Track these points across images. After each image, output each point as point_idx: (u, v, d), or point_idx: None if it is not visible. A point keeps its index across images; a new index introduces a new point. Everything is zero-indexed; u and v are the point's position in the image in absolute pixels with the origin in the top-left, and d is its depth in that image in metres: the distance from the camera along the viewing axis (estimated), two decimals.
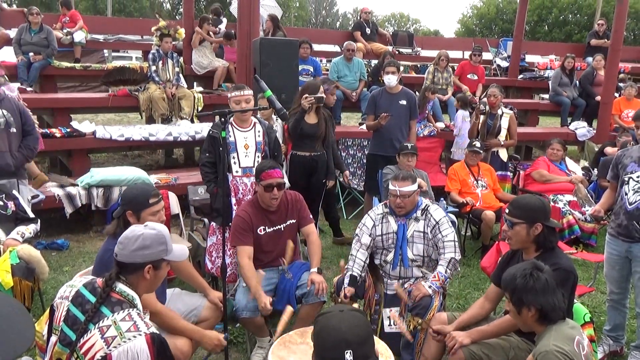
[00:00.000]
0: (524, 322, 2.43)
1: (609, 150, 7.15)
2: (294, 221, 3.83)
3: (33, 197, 5.40)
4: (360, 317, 1.91)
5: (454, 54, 11.51)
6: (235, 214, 3.85)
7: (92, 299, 2.14)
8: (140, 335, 2.05)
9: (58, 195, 5.83)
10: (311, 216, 3.96)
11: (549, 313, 2.33)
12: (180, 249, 2.44)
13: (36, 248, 4.03)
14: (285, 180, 4.14)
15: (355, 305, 3.68)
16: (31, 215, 4.27)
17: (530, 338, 2.82)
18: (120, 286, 2.19)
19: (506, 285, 2.44)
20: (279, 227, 3.76)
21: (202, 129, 7.26)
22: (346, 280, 3.59)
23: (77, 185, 5.99)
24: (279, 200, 3.70)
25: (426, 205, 3.76)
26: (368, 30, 10.81)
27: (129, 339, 2.03)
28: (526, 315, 2.38)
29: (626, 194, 3.58)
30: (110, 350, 2.01)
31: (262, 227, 3.72)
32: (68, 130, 6.83)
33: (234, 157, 4.22)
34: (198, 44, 8.75)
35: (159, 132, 7.20)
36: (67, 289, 2.23)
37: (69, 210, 5.87)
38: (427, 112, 7.95)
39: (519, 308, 2.39)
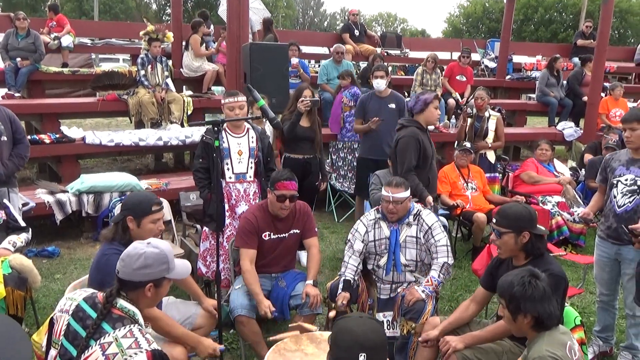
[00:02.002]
0: (519, 328, 2.45)
1: (587, 157, 7.18)
2: (298, 231, 3.84)
3: (24, 205, 5.37)
4: (377, 325, 2.01)
5: (442, 54, 11.60)
6: (243, 216, 3.88)
7: (93, 315, 2.13)
8: (141, 352, 2.05)
9: (48, 202, 5.79)
10: (316, 229, 3.98)
11: (545, 320, 2.36)
12: (182, 266, 2.44)
13: (26, 256, 4.00)
14: None
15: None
16: (22, 224, 4.24)
17: (523, 342, 2.86)
18: (121, 302, 2.19)
19: (503, 292, 2.46)
20: (283, 235, 3.78)
21: (193, 133, 7.25)
22: (340, 286, 3.61)
23: (67, 191, 5.96)
24: (288, 211, 3.72)
25: (418, 210, 3.79)
26: (356, 32, 10.87)
27: (130, 357, 2.03)
28: (521, 322, 2.40)
29: (615, 197, 3.64)
30: None
31: (267, 233, 3.74)
32: (57, 136, 6.79)
33: (227, 163, 4.22)
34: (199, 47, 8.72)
35: (149, 136, 7.17)
36: (67, 302, 2.22)
37: (59, 217, 5.83)
38: (344, 100, 7.27)
39: (515, 315, 2.41)
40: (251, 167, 4.31)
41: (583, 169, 7.16)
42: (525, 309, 2.37)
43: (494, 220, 3.06)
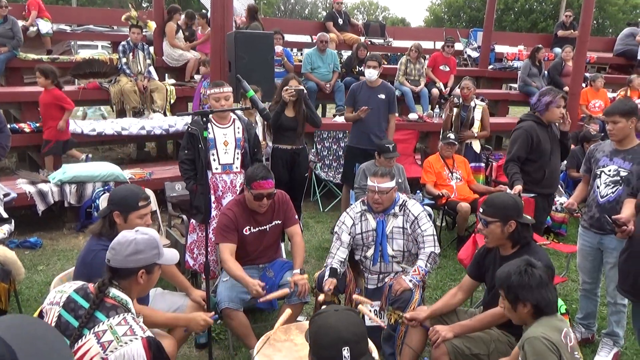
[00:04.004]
0: (519, 317, 2.47)
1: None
2: (279, 222, 3.81)
3: (5, 195, 5.27)
4: (355, 315, 2.00)
5: (425, 44, 11.61)
6: (220, 212, 3.82)
7: (85, 305, 2.13)
8: (136, 339, 2.06)
9: (29, 192, 5.69)
10: (297, 217, 3.96)
11: (544, 308, 2.39)
12: (171, 252, 2.47)
13: (8, 247, 3.95)
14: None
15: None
16: (4, 215, 4.18)
17: (510, 331, 2.92)
18: (114, 291, 2.20)
19: (501, 283, 2.48)
20: (264, 227, 3.74)
21: (176, 122, 7.19)
22: (327, 273, 3.61)
23: (49, 181, 5.87)
24: (267, 207, 3.68)
25: (404, 201, 3.81)
26: (340, 21, 10.84)
27: (126, 343, 2.04)
28: (522, 311, 2.43)
29: (598, 187, 3.70)
30: (107, 354, 2.02)
31: (247, 227, 3.70)
32: (37, 124, 6.66)
33: (213, 154, 4.19)
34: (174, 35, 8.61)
35: (132, 126, 7.10)
36: (57, 294, 2.20)
37: (41, 207, 5.74)
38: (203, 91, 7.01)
39: (514, 304, 2.44)
40: (237, 158, 4.28)
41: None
42: (523, 298, 2.39)
43: (480, 210, 3.09)
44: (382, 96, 5.83)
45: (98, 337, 2.04)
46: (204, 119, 3.11)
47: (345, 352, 1.84)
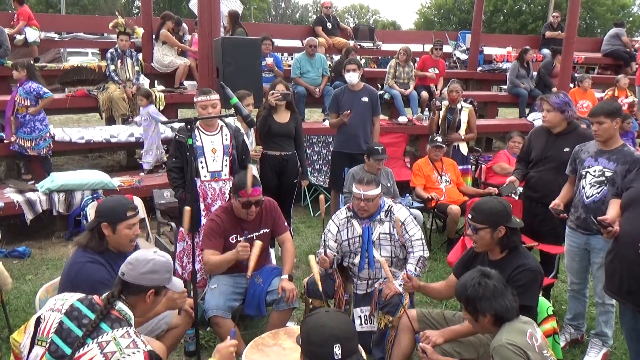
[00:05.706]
0: (482, 327, 2.54)
1: None
2: (267, 230, 3.80)
3: None
4: (345, 316, 2.09)
5: (415, 47, 11.66)
6: (208, 218, 3.80)
7: (91, 315, 2.18)
8: (139, 352, 2.11)
9: (17, 201, 5.67)
10: (286, 224, 3.95)
11: (503, 315, 2.45)
12: (177, 280, 2.57)
13: None
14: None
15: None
16: None
17: None
18: (120, 305, 2.26)
19: (460, 297, 2.55)
20: (251, 236, 3.72)
21: (165, 130, 7.16)
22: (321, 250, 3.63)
23: (37, 190, 5.85)
24: (255, 215, 3.68)
25: (389, 206, 3.80)
26: (329, 25, 10.86)
27: (129, 355, 2.09)
28: (483, 321, 2.49)
29: (583, 188, 3.71)
30: None
31: (234, 236, 3.68)
32: None
33: (201, 162, 4.18)
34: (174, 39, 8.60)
35: (121, 133, 7.09)
36: (58, 302, 2.25)
37: (29, 216, 5.72)
38: (17, 99, 6.21)
39: (475, 316, 2.51)
40: (226, 165, 4.27)
41: None
42: (481, 309, 2.46)
43: (469, 216, 3.08)
44: (365, 99, 5.83)
45: (101, 347, 2.09)
46: (189, 126, 3.11)
47: (337, 350, 1.89)
